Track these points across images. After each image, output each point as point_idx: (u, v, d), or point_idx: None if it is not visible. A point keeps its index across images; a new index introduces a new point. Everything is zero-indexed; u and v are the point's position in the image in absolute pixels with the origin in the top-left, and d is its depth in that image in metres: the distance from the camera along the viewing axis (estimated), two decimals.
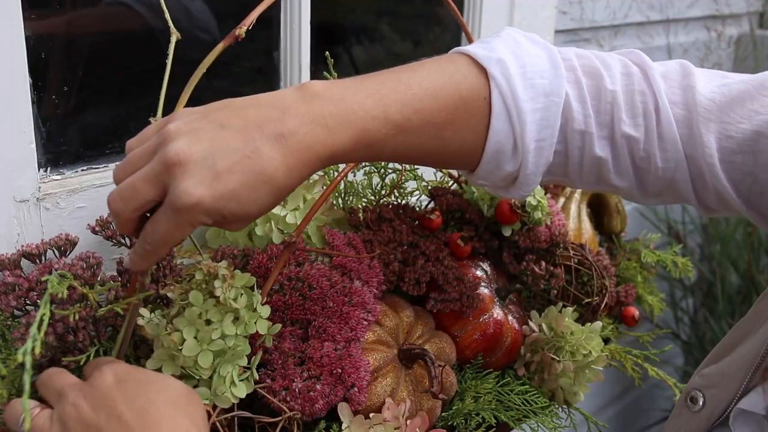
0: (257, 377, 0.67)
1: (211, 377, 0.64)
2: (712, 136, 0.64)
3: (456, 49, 0.66)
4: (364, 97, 0.58)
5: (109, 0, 0.85)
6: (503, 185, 0.69)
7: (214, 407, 0.64)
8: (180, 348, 0.61)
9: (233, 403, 0.65)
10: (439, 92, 0.61)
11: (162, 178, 0.53)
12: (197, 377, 0.63)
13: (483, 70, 0.63)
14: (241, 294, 0.64)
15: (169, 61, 0.62)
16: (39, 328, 0.52)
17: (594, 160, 0.67)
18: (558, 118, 0.64)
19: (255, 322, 0.65)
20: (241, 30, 0.63)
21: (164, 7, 0.65)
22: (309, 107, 0.56)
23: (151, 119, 0.62)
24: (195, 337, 0.62)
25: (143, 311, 0.64)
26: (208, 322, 0.63)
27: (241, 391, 0.65)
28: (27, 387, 0.48)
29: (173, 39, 0.63)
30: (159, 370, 0.63)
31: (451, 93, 0.62)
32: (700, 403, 0.70)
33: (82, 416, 0.54)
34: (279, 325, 0.68)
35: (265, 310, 0.66)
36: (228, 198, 0.53)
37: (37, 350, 0.51)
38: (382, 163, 0.91)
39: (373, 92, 0.58)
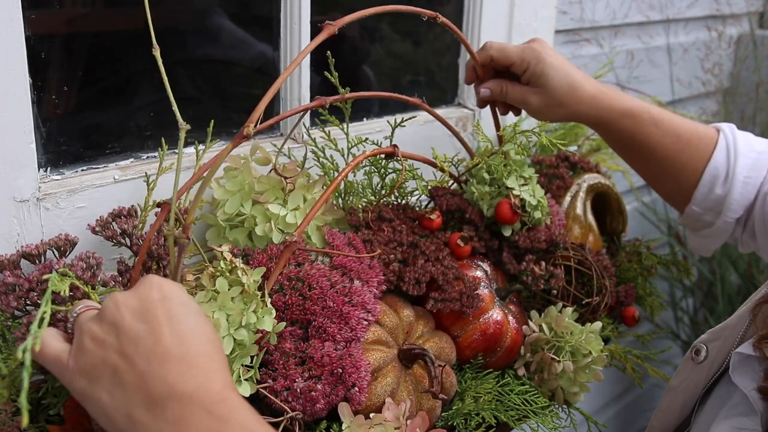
0: (259, 377, 0.67)
1: None
2: None
3: None
4: (630, 96, 0.94)
5: None
6: (710, 218, 0.94)
7: None
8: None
9: None
10: (683, 120, 0.93)
11: None
12: None
13: (715, 129, 0.94)
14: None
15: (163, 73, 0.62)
16: (39, 326, 0.52)
17: None
18: (764, 169, 0.91)
19: (264, 318, 0.65)
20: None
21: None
22: (593, 80, 0.95)
23: None
24: (226, 320, 0.62)
25: None
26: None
27: (246, 390, 0.65)
28: (26, 384, 0.48)
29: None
30: None
31: (691, 124, 0.93)
32: (703, 355, 0.80)
33: (121, 322, 0.53)
34: (283, 324, 0.68)
35: (270, 308, 0.67)
36: (553, 65, 0.90)
37: (37, 347, 0.51)
38: (382, 163, 0.91)
39: (635, 98, 0.96)
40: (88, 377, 0.53)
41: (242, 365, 0.65)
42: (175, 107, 0.60)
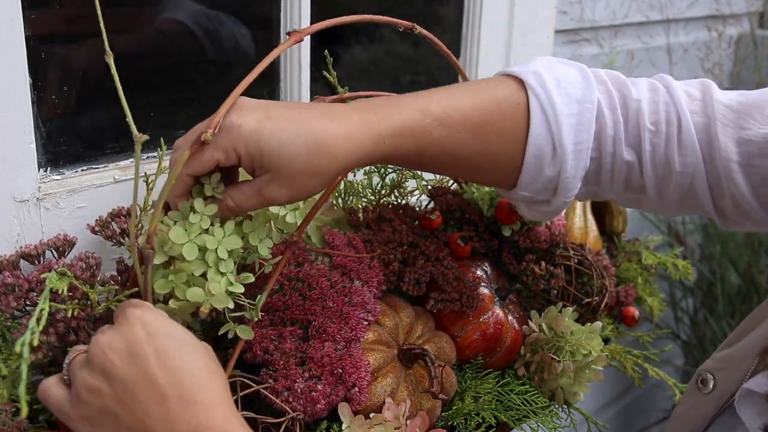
0: (259, 317, 0.66)
1: (203, 276, 0.62)
2: (730, 140, 0.68)
3: (497, 72, 0.74)
4: (405, 98, 0.67)
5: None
6: (545, 196, 0.73)
7: None
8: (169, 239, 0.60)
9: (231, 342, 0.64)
10: (475, 95, 0.68)
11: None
12: (188, 274, 0.62)
13: (519, 82, 0.70)
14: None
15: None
16: (38, 322, 0.52)
17: (623, 165, 0.71)
18: (592, 124, 0.70)
19: (260, 242, 0.65)
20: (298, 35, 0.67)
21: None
22: (356, 103, 0.65)
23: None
24: (185, 229, 0.61)
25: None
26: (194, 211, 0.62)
27: (239, 287, 0.62)
28: (24, 376, 0.48)
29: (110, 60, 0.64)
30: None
31: (487, 96, 0.68)
32: (711, 386, 0.73)
33: (112, 369, 0.52)
34: (279, 257, 0.68)
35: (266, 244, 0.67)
36: (270, 134, 0.59)
37: (35, 342, 0.51)
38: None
39: (412, 97, 0.67)
40: (92, 424, 0.53)
41: (233, 273, 0.64)
42: (129, 118, 0.61)
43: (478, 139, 0.68)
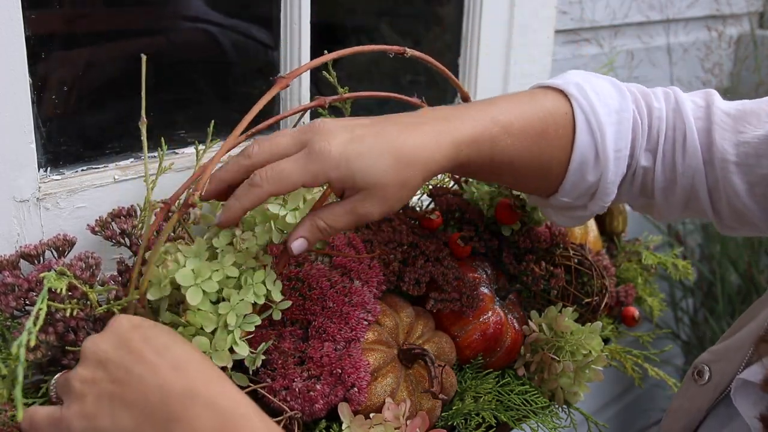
0: (259, 364, 0.67)
1: (212, 333, 0.63)
2: (727, 143, 0.73)
3: (532, 86, 0.78)
4: (474, 107, 0.70)
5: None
6: (583, 202, 0.78)
7: None
8: (171, 277, 0.61)
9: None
10: (530, 106, 0.72)
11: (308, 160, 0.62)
12: (197, 329, 0.62)
13: (562, 93, 0.74)
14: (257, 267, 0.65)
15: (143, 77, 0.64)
16: (35, 323, 0.52)
17: (640, 170, 0.77)
18: (629, 132, 0.75)
19: (273, 283, 0.65)
20: (287, 79, 0.70)
21: None
22: (433, 111, 0.69)
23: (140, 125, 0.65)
24: (192, 270, 0.62)
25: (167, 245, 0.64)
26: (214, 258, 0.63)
27: (243, 350, 0.64)
28: (20, 378, 0.48)
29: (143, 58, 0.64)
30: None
31: (540, 107, 0.72)
32: (706, 377, 0.75)
33: (105, 355, 0.55)
34: (289, 302, 0.68)
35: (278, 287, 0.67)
36: (358, 154, 0.61)
37: (32, 343, 0.51)
38: None
39: (479, 106, 0.70)
40: (87, 417, 0.53)
41: (242, 329, 0.64)
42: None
43: (535, 148, 0.71)
